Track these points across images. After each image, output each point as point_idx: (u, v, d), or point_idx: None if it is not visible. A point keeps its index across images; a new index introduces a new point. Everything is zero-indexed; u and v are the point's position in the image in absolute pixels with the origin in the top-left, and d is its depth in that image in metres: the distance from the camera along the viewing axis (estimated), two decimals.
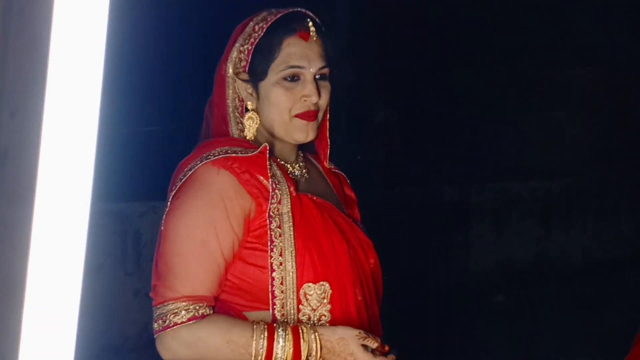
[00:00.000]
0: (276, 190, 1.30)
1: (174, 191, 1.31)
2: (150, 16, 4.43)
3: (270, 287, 1.28)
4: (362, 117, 5.47)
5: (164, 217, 1.31)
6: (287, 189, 1.32)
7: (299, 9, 1.37)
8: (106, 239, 3.84)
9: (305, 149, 1.50)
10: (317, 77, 1.36)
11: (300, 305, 1.29)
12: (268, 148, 1.33)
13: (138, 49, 4.44)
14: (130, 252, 3.93)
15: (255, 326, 1.25)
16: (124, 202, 4.00)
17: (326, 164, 1.49)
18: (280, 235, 1.29)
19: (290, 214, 1.30)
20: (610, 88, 6.70)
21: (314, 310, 1.30)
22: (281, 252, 1.29)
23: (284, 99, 1.34)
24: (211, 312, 1.28)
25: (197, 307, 1.25)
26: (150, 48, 4.55)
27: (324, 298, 1.30)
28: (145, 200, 3.94)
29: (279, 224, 1.29)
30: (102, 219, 3.85)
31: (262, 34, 1.34)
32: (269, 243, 1.29)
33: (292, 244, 1.29)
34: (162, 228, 1.30)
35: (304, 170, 1.42)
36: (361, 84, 5.15)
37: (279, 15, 1.36)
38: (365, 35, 5.36)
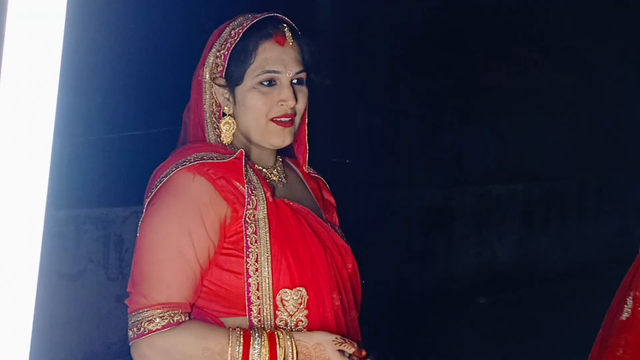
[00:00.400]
0: (252, 196, 1.30)
1: (150, 198, 1.31)
2: (135, 22, 4.42)
3: (246, 293, 1.27)
4: (344, 120, 5.48)
5: (139, 224, 1.30)
6: (264, 195, 1.31)
7: (274, 14, 1.37)
8: (88, 244, 3.82)
9: (284, 154, 1.50)
10: (294, 81, 1.36)
11: (277, 311, 1.28)
12: (244, 154, 1.33)
13: (122, 54, 4.42)
14: (113, 257, 3.91)
15: (231, 332, 1.25)
16: (106, 207, 3.98)
17: (305, 168, 1.49)
18: (256, 241, 1.28)
19: (266, 219, 1.30)
20: (590, 92, 6.77)
21: (291, 315, 1.29)
22: (257, 258, 1.28)
23: (260, 103, 1.34)
24: (187, 319, 1.27)
25: (172, 314, 1.24)
26: (134, 53, 4.53)
27: (300, 303, 1.30)
28: (127, 205, 3.92)
29: (255, 230, 1.29)
30: (84, 224, 3.82)
31: (238, 38, 1.34)
32: (244, 249, 1.28)
33: (268, 249, 1.29)
34: (138, 235, 1.30)
35: (282, 175, 1.42)
36: (344, 87, 5.16)
37: (254, 20, 1.36)
38: (347, 40, 5.37)
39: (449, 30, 6.06)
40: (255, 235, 1.29)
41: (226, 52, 1.35)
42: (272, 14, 1.37)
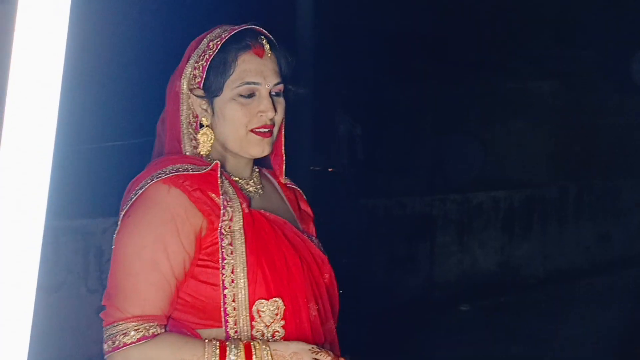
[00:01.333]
0: (227, 208, 1.30)
1: (125, 210, 1.30)
2: (128, 34, 4.41)
3: (222, 304, 1.27)
4: (326, 129, 5.50)
5: (114, 236, 1.30)
6: (239, 206, 1.31)
7: (252, 26, 1.38)
8: (68, 256, 3.79)
9: (261, 165, 1.50)
10: (272, 93, 1.37)
11: (253, 322, 1.28)
12: (219, 165, 1.33)
13: (105, 67, 4.41)
14: (92, 269, 3.88)
15: (207, 344, 1.24)
16: (86, 219, 3.95)
17: (282, 179, 1.50)
18: (232, 253, 1.28)
19: (242, 230, 1.30)
20: (569, 100, 6.84)
21: (268, 326, 1.29)
22: (233, 269, 1.28)
23: (240, 114, 1.34)
24: (162, 331, 1.26)
25: (147, 327, 1.24)
26: (116, 66, 4.52)
27: (277, 314, 1.30)
28: (107, 216, 3.89)
29: (231, 241, 1.29)
30: (63, 236, 3.79)
31: (216, 50, 1.35)
32: (220, 260, 1.28)
33: (244, 260, 1.28)
34: (113, 247, 1.29)
35: (258, 186, 1.42)
36: (325, 96, 5.18)
37: (232, 32, 1.36)
38: (329, 49, 5.39)
39: (430, 40, 6.11)
40: (230, 247, 1.28)
41: (205, 64, 1.35)
42: (249, 26, 1.37)
